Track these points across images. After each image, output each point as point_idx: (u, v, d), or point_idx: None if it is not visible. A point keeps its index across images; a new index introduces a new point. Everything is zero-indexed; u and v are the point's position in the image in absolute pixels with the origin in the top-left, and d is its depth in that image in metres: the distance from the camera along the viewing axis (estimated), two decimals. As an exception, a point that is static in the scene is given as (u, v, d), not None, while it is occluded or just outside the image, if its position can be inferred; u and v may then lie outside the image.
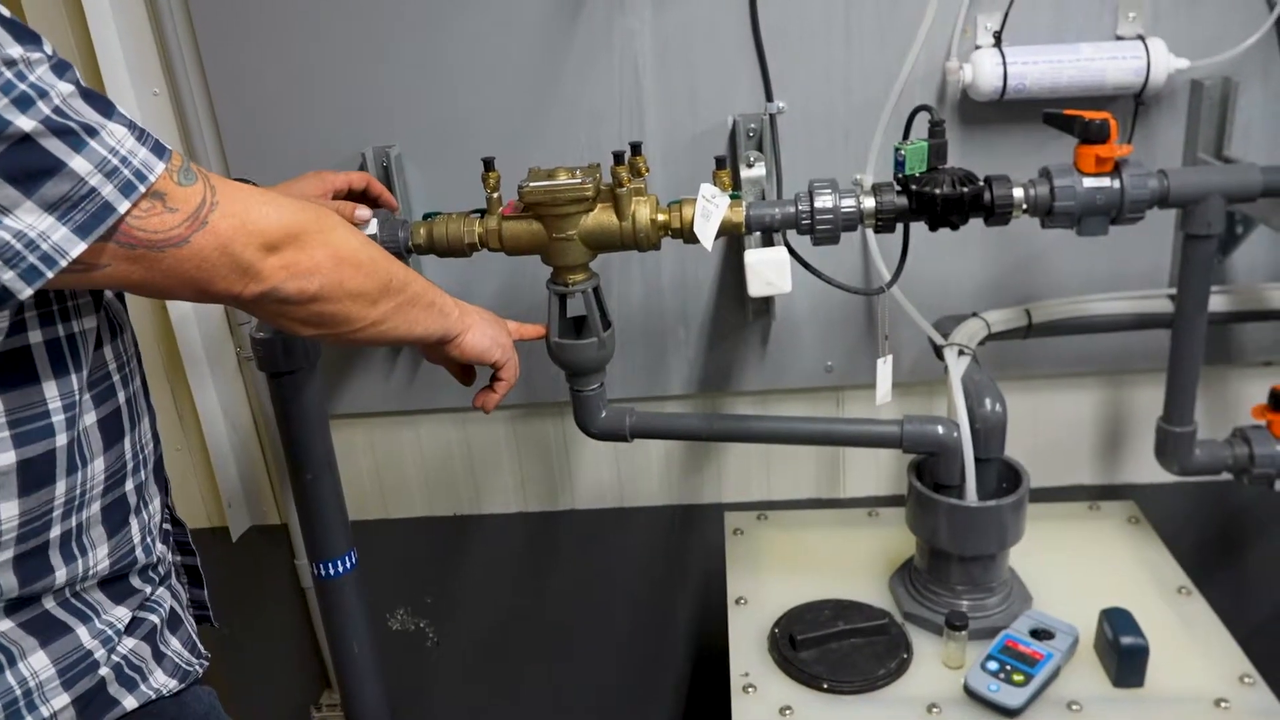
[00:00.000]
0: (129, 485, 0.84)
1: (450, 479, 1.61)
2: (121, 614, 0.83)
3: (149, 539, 0.86)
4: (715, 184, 1.12)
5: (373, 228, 1.15)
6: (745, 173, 1.30)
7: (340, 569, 1.31)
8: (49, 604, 0.78)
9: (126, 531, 0.84)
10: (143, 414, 0.87)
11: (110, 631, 0.82)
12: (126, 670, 0.82)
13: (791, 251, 1.20)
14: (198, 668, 0.90)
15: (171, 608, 0.89)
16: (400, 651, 1.73)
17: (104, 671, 0.80)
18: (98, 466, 0.80)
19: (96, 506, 0.81)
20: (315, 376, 1.24)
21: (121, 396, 0.83)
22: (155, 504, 0.89)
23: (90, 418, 0.80)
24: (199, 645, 0.92)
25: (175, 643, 0.88)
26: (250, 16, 1.33)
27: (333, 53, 1.35)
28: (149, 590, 0.87)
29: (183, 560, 0.99)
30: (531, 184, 1.10)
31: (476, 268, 1.40)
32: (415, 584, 1.69)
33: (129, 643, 0.83)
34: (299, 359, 1.20)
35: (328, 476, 1.29)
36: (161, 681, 0.85)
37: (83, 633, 0.80)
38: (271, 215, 0.76)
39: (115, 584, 0.83)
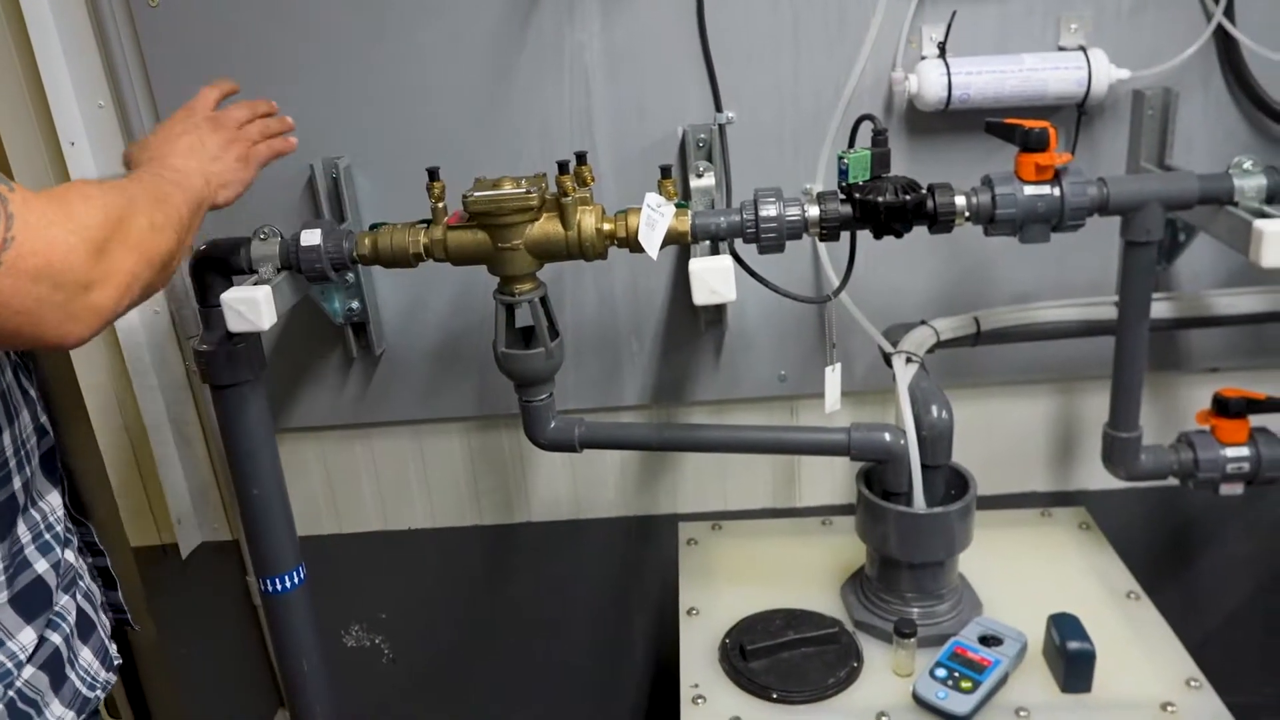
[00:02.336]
0: (16, 484, 0.80)
1: (404, 493, 1.60)
2: (28, 639, 0.79)
3: (47, 537, 0.83)
4: (660, 193, 1.12)
5: (316, 238, 1.14)
6: (695, 183, 1.31)
7: (288, 585, 1.29)
8: None
9: (14, 532, 0.80)
10: (19, 407, 0.82)
11: (10, 664, 0.78)
12: (20, 704, 0.78)
13: (741, 261, 1.20)
14: (100, 691, 0.86)
15: (81, 611, 0.85)
16: (355, 668, 1.71)
17: None
18: None
19: None
20: (261, 389, 1.22)
21: None
22: (50, 501, 0.85)
23: None
24: (111, 652, 0.89)
25: (86, 653, 0.85)
26: (196, 27, 1.32)
27: (280, 63, 1.34)
28: (55, 597, 0.83)
29: (93, 562, 0.95)
30: (476, 194, 1.09)
31: (428, 278, 1.39)
32: (369, 600, 1.67)
33: (28, 672, 0.79)
34: (243, 371, 1.19)
35: (275, 491, 1.27)
36: (58, 714, 0.81)
37: None
38: (78, 247, 0.68)
39: (21, 600, 0.79)
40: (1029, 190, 1.08)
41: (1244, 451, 1.25)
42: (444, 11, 1.31)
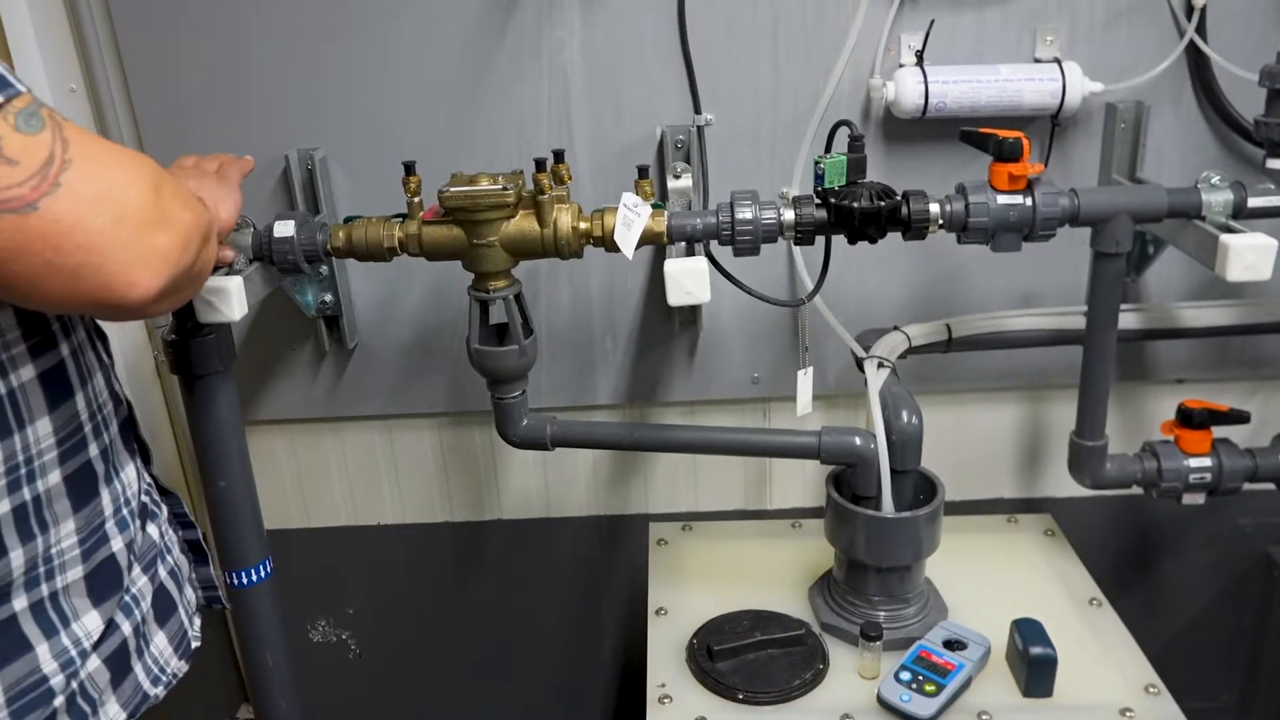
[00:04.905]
0: (93, 450, 0.74)
1: (374, 487, 1.59)
2: (93, 625, 0.74)
3: (124, 512, 0.78)
4: (637, 193, 1.13)
5: (290, 229, 1.13)
6: (672, 184, 1.31)
7: (254, 578, 1.28)
8: (18, 605, 0.69)
9: (97, 503, 0.74)
10: (94, 369, 0.77)
11: (74, 652, 0.73)
12: (79, 701, 0.74)
13: (716, 263, 1.21)
14: (163, 688, 0.82)
15: (162, 589, 0.80)
16: (322, 664, 1.70)
17: (58, 701, 0.72)
18: (42, 429, 0.70)
19: (56, 476, 0.71)
20: (230, 381, 1.21)
21: (65, 348, 0.73)
22: (129, 473, 0.80)
23: (27, 372, 0.69)
24: (190, 633, 0.84)
25: (160, 638, 0.80)
26: (171, 11, 1.31)
27: (258, 53, 1.33)
28: (127, 579, 0.78)
29: (184, 535, 0.91)
30: (452, 189, 1.09)
31: (402, 273, 1.39)
32: (338, 595, 1.66)
33: (92, 664, 0.75)
34: (212, 362, 1.17)
35: (242, 483, 1.25)
36: (111, 715, 0.77)
37: (43, 651, 0.71)
38: (137, 181, 0.63)
39: (93, 577, 0.74)
40: (1002, 199, 1.09)
41: (1206, 462, 1.27)
42: (423, 5, 1.31)
